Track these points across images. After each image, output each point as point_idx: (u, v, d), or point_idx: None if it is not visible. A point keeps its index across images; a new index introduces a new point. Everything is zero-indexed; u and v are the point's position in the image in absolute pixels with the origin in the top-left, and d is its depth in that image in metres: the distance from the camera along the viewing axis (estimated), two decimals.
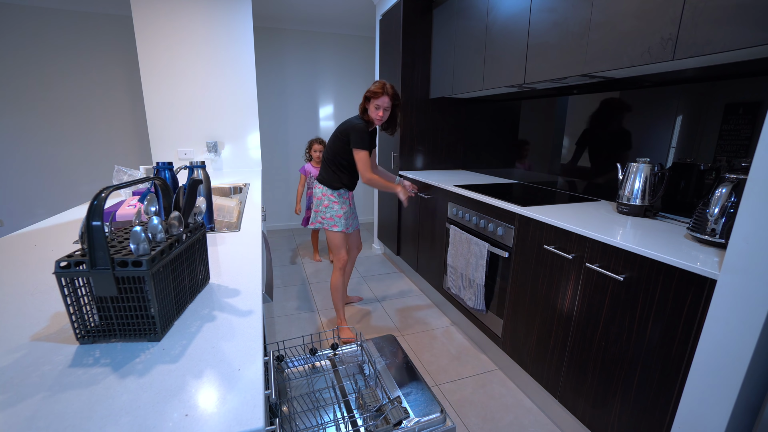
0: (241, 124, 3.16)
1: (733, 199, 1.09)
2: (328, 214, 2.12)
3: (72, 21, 3.35)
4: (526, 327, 1.68)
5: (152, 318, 0.63)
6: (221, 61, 2.98)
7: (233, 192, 2.33)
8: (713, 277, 0.94)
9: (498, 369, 1.94)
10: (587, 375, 1.36)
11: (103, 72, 3.54)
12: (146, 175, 1.14)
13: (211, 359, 0.60)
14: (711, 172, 1.42)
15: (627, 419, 1.22)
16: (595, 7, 1.45)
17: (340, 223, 2.12)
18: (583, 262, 1.34)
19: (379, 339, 1.30)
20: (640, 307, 1.15)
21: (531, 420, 1.61)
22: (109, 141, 3.70)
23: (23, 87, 3.36)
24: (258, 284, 0.88)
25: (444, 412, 0.98)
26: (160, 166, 1.11)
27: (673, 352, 1.07)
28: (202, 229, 0.85)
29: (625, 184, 1.53)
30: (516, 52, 1.92)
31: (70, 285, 0.60)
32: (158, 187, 0.80)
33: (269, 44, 4.08)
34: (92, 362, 0.58)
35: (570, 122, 2.10)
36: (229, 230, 1.34)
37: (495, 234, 1.85)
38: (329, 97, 4.46)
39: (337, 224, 2.12)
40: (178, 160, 3.04)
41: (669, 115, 1.57)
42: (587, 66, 1.51)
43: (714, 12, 1.07)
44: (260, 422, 0.48)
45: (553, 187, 2.25)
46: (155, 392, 0.52)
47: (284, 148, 4.42)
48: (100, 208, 0.57)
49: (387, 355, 1.21)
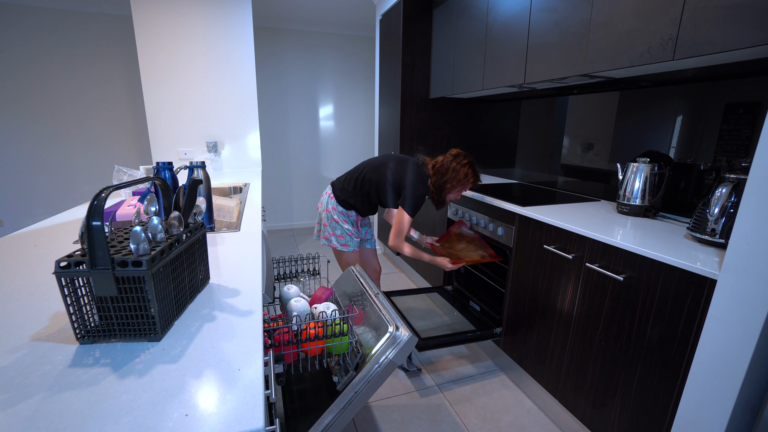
0: (241, 124, 3.16)
1: (733, 199, 1.09)
2: (338, 231, 1.81)
3: (72, 21, 3.35)
4: (526, 327, 1.68)
5: (152, 318, 0.63)
6: (221, 61, 2.98)
7: (233, 192, 2.33)
8: (713, 277, 0.94)
9: (498, 369, 1.94)
10: (587, 375, 1.36)
11: (103, 72, 3.53)
12: (146, 175, 1.14)
13: (211, 359, 0.60)
14: (711, 172, 1.42)
15: (627, 419, 1.22)
16: (595, 7, 1.45)
17: (351, 242, 1.82)
18: (583, 262, 1.34)
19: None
20: (640, 307, 1.15)
21: (531, 420, 1.61)
22: (109, 141, 3.69)
23: (23, 87, 3.36)
24: (258, 284, 0.88)
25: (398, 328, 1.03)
26: (160, 166, 1.11)
27: (673, 352, 1.07)
28: (202, 229, 0.85)
29: (625, 184, 1.53)
30: (516, 52, 1.92)
31: (70, 285, 0.60)
32: (158, 187, 0.80)
33: (269, 44, 4.07)
34: (92, 362, 0.58)
35: (570, 122, 2.10)
36: (229, 230, 1.34)
37: (495, 234, 1.85)
38: (329, 97, 4.46)
39: (348, 243, 1.81)
40: (178, 160, 3.04)
41: (669, 115, 1.57)
42: (587, 66, 1.51)
43: (714, 12, 1.07)
44: (260, 422, 0.48)
45: (553, 186, 2.25)
46: (155, 392, 0.52)
47: (284, 148, 4.42)
48: (100, 208, 0.57)
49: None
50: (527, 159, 2.49)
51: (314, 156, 4.56)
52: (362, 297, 1.25)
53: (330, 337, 1.05)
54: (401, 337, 1.00)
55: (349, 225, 1.81)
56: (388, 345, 1.00)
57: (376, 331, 1.07)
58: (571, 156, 2.10)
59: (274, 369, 0.74)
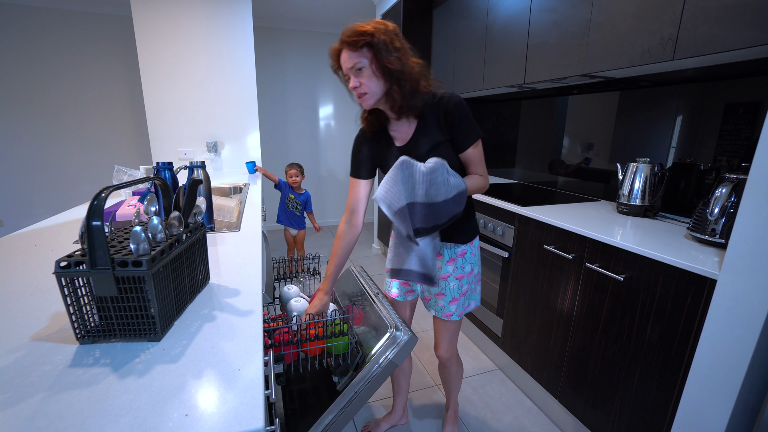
0: (241, 124, 3.16)
1: (733, 199, 1.09)
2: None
3: (72, 21, 3.35)
4: (526, 327, 1.68)
5: (152, 318, 0.63)
6: (221, 61, 2.98)
7: (233, 192, 2.33)
8: (713, 277, 0.94)
9: (498, 369, 1.94)
10: (587, 375, 1.36)
11: (103, 72, 3.53)
12: (146, 175, 1.14)
13: (211, 359, 0.60)
14: (711, 172, 1.42)
15: (627, 419, 1.22)
16: (595, 7, 1.45)
17: (387, 284, 1.32)
18: (583, 262, 1.34)
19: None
20: (640, 307, 1.15)
21: (531, 420, 1.61)
22: (109, 141, 3.69)
23: (23, 87, 3.35)
24: (258, 284, 0.88)
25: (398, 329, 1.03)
26: (160, 166, 1.11)
27: (673, 352, 1.07)
28: (202, 229, 0.85)
29: (625, 184, 1.53)
30: (516, 52, 1.92)
31: (70, 285, 0.60)
32: (158, 187, 0.80)
33: (269, 44, 4.07)
34: (92, 362, 0.58)
35: (570, 122, 2.10)
36: (229, 230, 1.34)
37: (495, 234, 1.85)
38: (329, 97, 4.46)
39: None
40: (178, 160, 3.04)
41: (669, 115, 1.57)
42: (587, 66, 1.51)
43: (714, 12, 1.07)
44: (260, 422, 0.48)
45: (553, 186, 2.25)
46: (155, 392, 0.52)
47: (284, 148, 4.42)
48: (100, 208, 0.57)
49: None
50: (527, 159, 2.49)
51: (314, 156, 4.56)
52: (362, 297, 1.25)
53: (330, 337, 1.05)
54: (401, 337, 1.00)
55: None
56: (388, 345, 1.00)
57: (376, 331, 1.07)
58: (571, 156, 2.10)
59: (274, 369, 0.74)
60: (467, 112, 1.04)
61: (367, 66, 0.97)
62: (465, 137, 1.04)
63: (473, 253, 1.20)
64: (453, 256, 1.18)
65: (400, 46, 0.99)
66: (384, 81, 0.99)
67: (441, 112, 1.03)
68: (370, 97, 1.01)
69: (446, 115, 1.03)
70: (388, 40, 0.97)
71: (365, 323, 1.15)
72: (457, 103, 1.03)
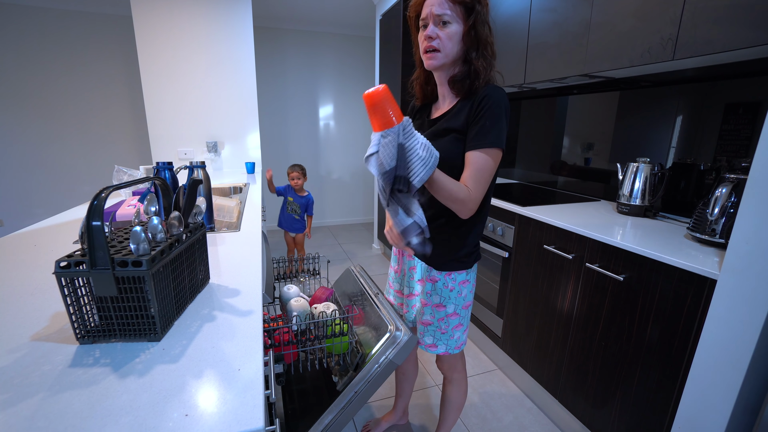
0: (241, 124, 3.15)
1: (733, 199, 1.09)
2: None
3: (72, 21, 3.35)
4: (526, 327, 1.68)
5: (152, 318, 0.63)
6: (221, 61, 2.98)
7: (233, 192, 2.32)
8: (713, 277, 0.94)
9: (498, 369, 1.94)
10: (587, 375, 1.36)
11: (103, 72, 3.53)
12: (146, 175, 1.14)
13: (211, 359, 0.59)
14: (711, 172, 1.42)
15: (627, 419, 1.22)
16: (594, 7, 1.45)
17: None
18: (583, 262, 1.34)
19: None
20: (640, 307, 1.15)
21: (531, 420, 1.61)
22: (109, 141, 3.69)
23: (23, 87, 3.35)
24: (258, 284, 0.88)
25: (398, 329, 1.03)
26: (160, 166, 1.11)
27: (673, 352, 1.07)
28: (202, 229, 0.85)
29: (625, 184, 1.53)
30: (516, 52, 1.92)
31: (70, 285, 0.60)
32: (158, 187, 0.80)
33: (269, 44, 4.07)
34: (92, 362, 0.58)
35: (570, 122, 2.10)
36: (229, 230, 1.34)
37: (495, 234, 1.85)
38: (329, 97, 4.46)
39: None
40: (178, 160, 3.04)
41: (669, 115, 1.57)
42: (587, 66, 1.51)
43: (714, 12, 1.07)
44: (260, 422, 0.48)
45: (553, 186, 2.25)
46: (155, 392, 0.52)
47: (284, 148, 4.42)
48: (100, 208, 0.57)
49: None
50: (527, 159, 2.49)
51: (314, 156, 4.56)
52: (362, 297, 1.25)
53: (330, 337, 1.05)
54: (401, 337, 1.00)
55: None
56: (387, 345, 1.00)
57: (376, 331, 1.07)
58: (571, 156, 2.10)
59: (274, 369, 0.74)
60: (498, 113, 0.89)
61: (455, 23, 0.87)
62: (477, 135, 0.89)
63: (451, 288, 1.04)
64: (423, 277, 1.09)
65: (491, 24, 0.91)
66: (463, 48, 0.90)
67: (477, 100, 0.91)
68: (441, 57, 0.90)
69: (478, 105, 0.90)
70: (486, 11, 0.89)
71: (365, 323, 1.15)
72: (491, 97, 0.89)
